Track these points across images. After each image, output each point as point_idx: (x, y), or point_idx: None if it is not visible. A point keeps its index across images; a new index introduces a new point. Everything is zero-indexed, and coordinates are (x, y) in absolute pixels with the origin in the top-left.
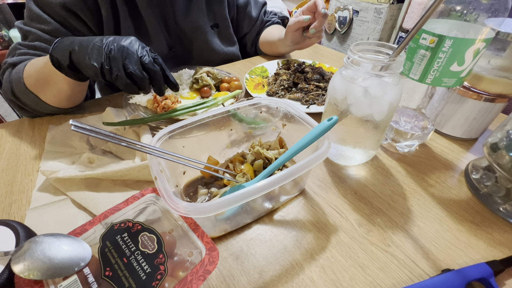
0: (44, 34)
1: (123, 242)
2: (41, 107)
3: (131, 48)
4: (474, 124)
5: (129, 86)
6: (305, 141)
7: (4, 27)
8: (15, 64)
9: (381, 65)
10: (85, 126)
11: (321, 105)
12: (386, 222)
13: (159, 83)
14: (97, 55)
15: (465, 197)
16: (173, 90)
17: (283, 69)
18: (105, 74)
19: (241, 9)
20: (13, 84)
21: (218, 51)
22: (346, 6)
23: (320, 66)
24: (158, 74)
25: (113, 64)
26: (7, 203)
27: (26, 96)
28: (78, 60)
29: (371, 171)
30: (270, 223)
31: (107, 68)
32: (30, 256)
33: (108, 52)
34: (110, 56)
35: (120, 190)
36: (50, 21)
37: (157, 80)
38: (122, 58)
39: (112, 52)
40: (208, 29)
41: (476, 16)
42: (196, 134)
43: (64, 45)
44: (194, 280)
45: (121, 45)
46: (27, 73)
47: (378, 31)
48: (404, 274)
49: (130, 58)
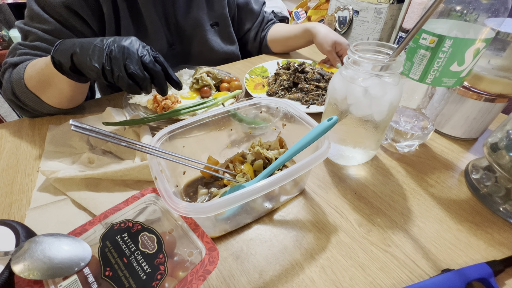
0: (44, 34)
1: (123, 242)
2: (42, 107)
3: (132, 48)
4: (474, 124)
5: (131, 86)
6: (305, 141)
7: (4, 27)
8: (15, 64)
9: (381, 65)
10: (85, 126)
11: (321, 105)
12: (386, 222)
13: (161, 83)
14: (98, 56)
15: (465, 197)
16: (176, 89)
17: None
18: (107, 75)
19: (242, 7)
20: (14, 84)
21: (218, 50)
22: (346, 6)
23: (321, 66)
24: (159, 73)
25: (114, 65)
26: (7, 203)
27: (27, 96)
28: (79, 62)
29: (371, 171)
30: (270, 223)
31: (108, 69)
32: (30, 256)
33: (109, 52)
34: (111, 57)
35: (120, 190)
36: (50, 20)
37: (158, 80)
38: (123, 58)
39: (112, 52)
40: (208, 28)
41: (476, 16)
42: (196, 134)
43: (65, 47)
44: (194, 280)
45: (122, 45)
46: (28, 73)
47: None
48: (404, 274)
49: (131, 58)
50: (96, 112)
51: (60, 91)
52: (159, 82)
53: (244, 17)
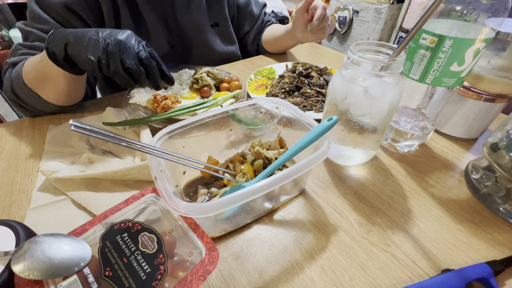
0: (43, 34)
1: (123, 242)
2: (41, 105)
3: (128, 43)
4: (474, 124)
5: (126, 80)
6: (305, 141)
7: (4, 27)
8: (15, 63)
9: (381, 65)
10: (85, 126)
11: (318, 112)
12: (386, 222)
13: (155, 78)
14: (94, 49)
15: (465, 197)
16: (169, 84)
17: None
18: (102, 68)
19: (242, 9)
20: (13, 83)
21: (218, 50)
22: (346, 6)
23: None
24: (154, 69)
25: (111, 59)
26: (7, 203)
27: (26, 94)
28: (73, 53)
29: (371, 171)
30: (270, 223)
31: (104, 62)
32: (30, 256)
33: (105, 46)
34: (108, 51)
35: (120, 190)
36: (50, 21)
37: (153, 75)
38: (119, 52)
39: (109, 46)
40: (208, 28)
41: (476, 16)
42: (196, 134)
43: (59, 37)
44: (194, 280)
45: (118, 40)
46: (25, 70)
47: (378, 31)
48: (404, 274)
49: (128, 53)
50: (96, 112)
51: (56, 85)
52: (153, 77)
53: (244, 18)
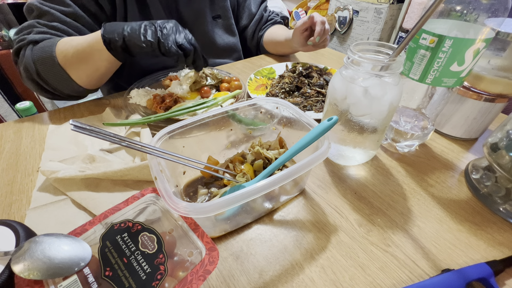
0: (63, 16)
1: (123, 242)
2: (65, 86)
3: (179, 27)
4: (474, 124)
5: (179, 55)
6: (305, 141)
7: (4, 27)
8: (36, 41)
9: (381, 65)
10: (85, 126)
11: (318, 112)
12: (386, 222)
13: (199, 56)
14: (152, 33)
15: (465, 197)
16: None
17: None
18: (161, 47)
19: (241, 2)
20: (38, 60)
21: (219, 42)
22: (346, 6)
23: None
24: (198, 48)
25: (168, 39)
26: (7, 203)
27: (54, 73)
28: (132, 39)
29: (371, 171)
30: (270, 223)
31: (162, 41)
32: (30, 256)
33: (161, 30)
34: (163, 33)
35: (120, 190)
36: (70, 3)
37: (197, 54)
38: (174, 34)
39: (165, 30)
40: (210, 19)
41: (476, 16)
42: (196, 134)
43: (115, 28)
44: (194, 280)
45: (171, 25)
46: (61, 50)
47: (378, 31)
48: (404, 274)
49: (179, 34)
50: (96, 112)
51: (96, 67)
52: (197, 56)
53: (242, 11)
